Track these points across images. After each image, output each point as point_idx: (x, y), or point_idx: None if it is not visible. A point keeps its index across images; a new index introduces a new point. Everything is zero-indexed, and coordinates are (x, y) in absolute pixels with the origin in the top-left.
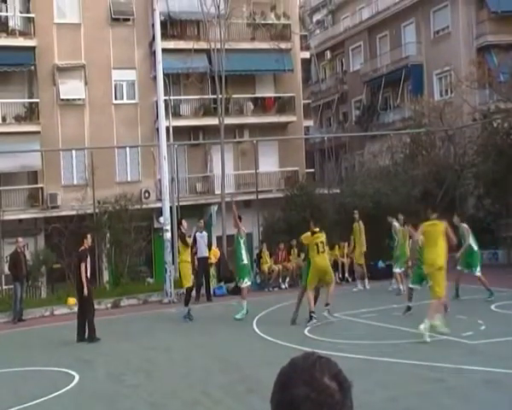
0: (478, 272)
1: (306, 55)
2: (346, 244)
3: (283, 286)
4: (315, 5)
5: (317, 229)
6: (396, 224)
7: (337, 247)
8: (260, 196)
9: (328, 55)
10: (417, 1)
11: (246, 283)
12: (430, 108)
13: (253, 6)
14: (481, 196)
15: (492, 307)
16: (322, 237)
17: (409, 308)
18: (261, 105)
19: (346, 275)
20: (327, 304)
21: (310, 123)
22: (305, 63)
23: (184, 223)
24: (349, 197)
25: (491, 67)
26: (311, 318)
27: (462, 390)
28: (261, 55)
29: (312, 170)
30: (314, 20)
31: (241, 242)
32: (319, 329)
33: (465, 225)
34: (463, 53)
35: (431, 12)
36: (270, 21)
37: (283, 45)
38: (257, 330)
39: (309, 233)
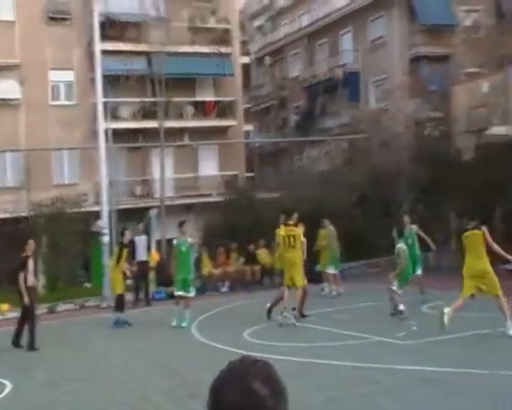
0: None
1: (246, 59)
2: None
3: (223, 290)
4: (255, 11)
5: (292, 222)
6: (331, 227)
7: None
8: (200, 200)
9: (268, 60)
10: (355, 10)
11: (192, 292)
12: (367, 114)
13: (193, 10)
14: (414, 201)
15: (424, 307)
16: (295, 231)
17: (401, 312)
18: (201, 109)
19: None
20: (293, 309)
21: (250, 127)
22: (245, 68)
23: (127, 234)
24: (288, 201)
25: (423, 76)
26: (295, 313)
27: (397, 390)
28: (201, 58)
29: (252, 174)
30: (254, 25)
31: (191, 252)
32: (259, 332)
33: (414, 226)
34: (398, 62)
35: (368, 21)
36: (210, 25)
37: (223, 50)
38: (196, 334)
39: (282, 227)
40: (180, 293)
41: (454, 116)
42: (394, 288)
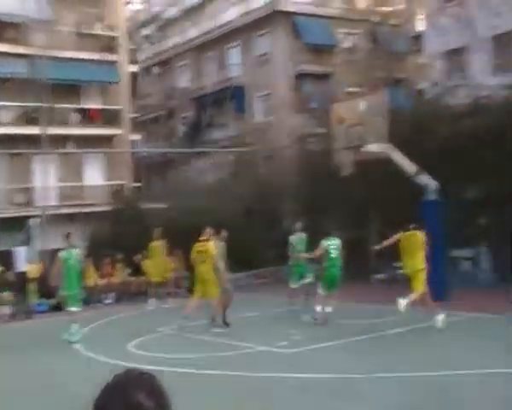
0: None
1: (134, 68)
2: (173, 259)
3: (107, 301)
4: (143, 20)
5: (206, 237)
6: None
7: None
8: (86, 210)
9: (157, 70)
10: (242, 25)
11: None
12: (253, 128)
13: (79, 15)
14: (298, 215)
15: (306, 317)
16: (207, 246)
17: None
18: (87, 116)
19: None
20: (212, 319)
21: (137, 137)
22: (133, 77)
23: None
24: (175, 212)
25: (305, 93)
26: (225, 325)
27: (276, 397)
28: (87, 65)
29: (139, 184)
30: (142, 34)
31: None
32: (144, 344)
33: (304, 235)
34: (282, 78)
35: (254, 37)
36: (97, 32)
37: (111, 57)
38: (80, 347)
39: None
40: (74, 308)
41: (333, 133)
42: (320, 291)
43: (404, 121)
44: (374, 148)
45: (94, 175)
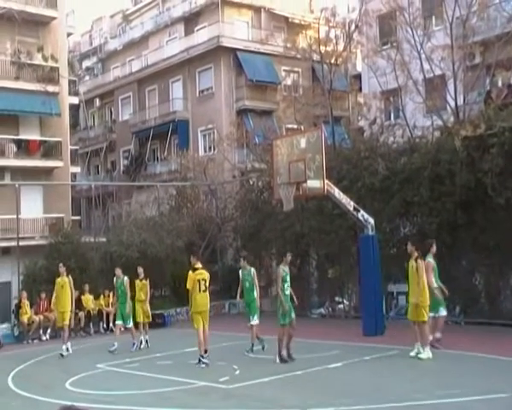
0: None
1: (75, 100)
2: (112, 293)
3: (44, 338)
4: (85, 51)
5: (199, 265)
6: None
7: (102, 296)
8: (22, 243)
9: (98, 102)
10: (184, 60)
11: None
12: (195, 162)
13: (18, 44)
14: (239, 249)
15: (246, 352)
16: (205, 274)
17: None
18: (25, 148)
19: (111, 325)
20: (205, 351)
21: (77, 169)
22: (74, 109)
23: None
24: (115, 246)
25: (248, 129)
26: (199, 361)
27: None
28: (26, 95)
29: (79, 217)
30: (84, 66)
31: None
32: (81, 381)
33: (253, 269)
34: (225, 113)
35: (197, 72)
36: (36, 62)
37: (51, 88)
38: (13, 386)
39: (190, 272)
40: None
41: (275, 169)
42: (253, 322)
43: (343, 158)
44: (313, 184)
45: (32, 208)
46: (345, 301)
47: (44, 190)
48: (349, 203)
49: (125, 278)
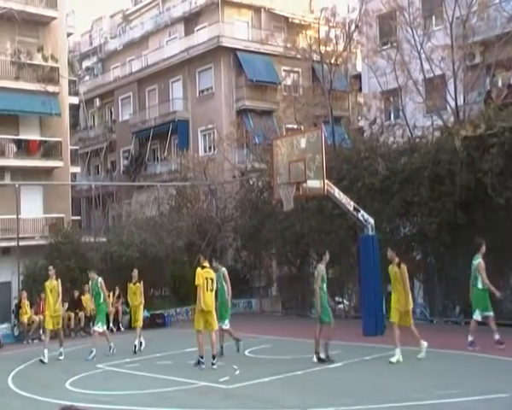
0: (226, 326)
1: (75, 100)
2: (111, 293)
3: (44, 338)
4: (85, 51)
5: (207, 264)
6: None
7: None
8: (22, 243)
9: (98, 102)
10: (184, 60)
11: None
12: (195, 162)
13: (18, 44)
14: (239, 249)
15: (246, 352)
16: (212, 274)
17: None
18: (25, 148)
19: (111, 325)
20: (213, 356)
21: (77, 169)
22: (74, 109)
23: None
24: (115, 246)
25: (248, 129)
26: (198, 362)
27: None
28: (26, 95)
29: (79, 217)
30: (84, 66)
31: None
32: (81, 381)
33: (224, 269)
34: (225, 113)
35: (197, 72)
36: (36, 62)
37: (51, 88)
38: (13, 386)
39: (199, 269)
40: None
41: (275, 169)
42: (225, 326)
43: (343, 158)
44: (313, 184)
45: (32, 208)
46: (345, 301)
47: (44, 190)
48: (349, 203)
49: (100, 279)
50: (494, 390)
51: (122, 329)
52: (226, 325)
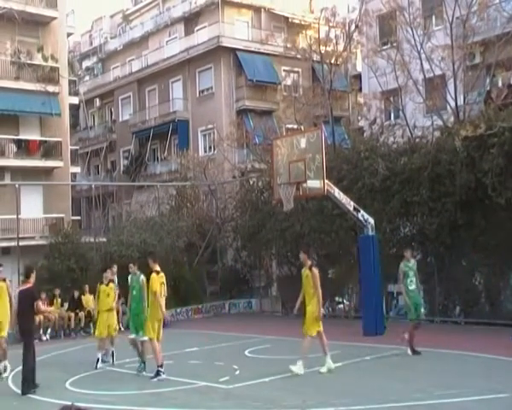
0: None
1: (75, 100)
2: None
3: (44, 338)
4: (85, 51)
5: (158, 268)
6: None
7: None
8: (22, 243)
9: (98, 102)
10: (184, 60)
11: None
12: (195, 162)
13: (18, 44)
14: (239, 249)
15: (246, 352)
16: (163, 278)
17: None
18: (25, 148)
19: None
20: (161, 365)
21: (77, 169)
22: (74, 109)
23: None
24: (115, 246)
25: (248, 129)
26: (158, 373)
27: None
28: (26, 95)
29: (79, 217)
30: (84, 66)
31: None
32: (81, 381)
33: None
34: (225, 113)
35: (197, 72)
36: (36, 62)
37: (51, 88)
38: (13, 386)
39: (154, 274)
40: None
41: (275, 169)
42: (142, 338)
43: (343, 158)
44: (313, 184)
45: (32, 207)
46: (345, 301)
47: (44, 190)
48: (349, 203)
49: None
50: (494, 390)
51: (122, 329)
52: (143, 337)
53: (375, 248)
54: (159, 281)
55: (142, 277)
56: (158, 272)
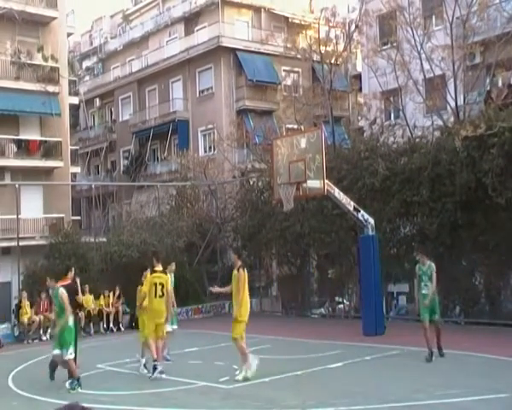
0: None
1: (75, 100)
2: (112, 293)
3: (44, 338)
4: (85, 51)
5: (160, 268)
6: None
7: (102, 296)
8: (22, 243)
9: (98, 102)
10: (184, 60)
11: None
12: (195, 162)
13: (18, 44)
14: (239, 248)
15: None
16: (163, 278)
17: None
18: (25, 148)
19: (111, 325)
20: (155, 360)
21: (77, 170)
22: (74, 109)
23: None
24: (115, 246)
25: (248, 129)
26: (154, 368)
27: None
28: (26, 95)
29: (79, 217)
30: (84, 66)
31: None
32: (82, 381)
33: None
34: (225, 113)
35: (197, 72)
36: (36, 62)
37: (51, 88)
38: (13, 386)
39: (148, 274)
40: None
41: (275, 169)
42: (67, 357)
43: (343, 158)
44: (313, 184)
45: (32, 208)
46: (345, 301)
47: (44, 190)
48: (349, 203)
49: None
50: (494, 390)
51: (122, 329)
52: (69, 354)
53: (375, 248)
54: (151, 281)
55: (61, 290)
56: (155, 272)
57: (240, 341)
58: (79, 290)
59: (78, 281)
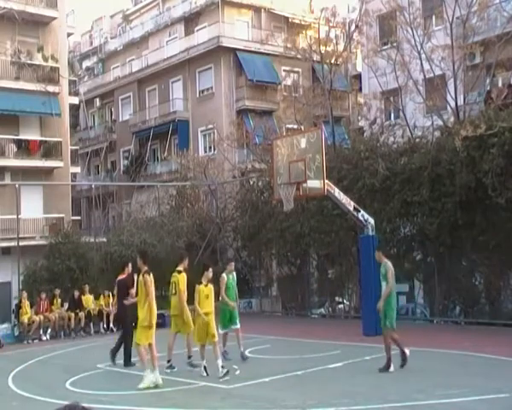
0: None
1: (75, 100)
2: (111, 294)
3: (44, 338)
4: (85, 51)
5: (180, 268)
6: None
7: (102, 296)
8: (22, 243)
9: (98, 102)
10: (184, 60)
11: None
12: (195, 162)
13: (18, 44)
14: (239, 249)
15: (246, 352)
16: (176, 277)
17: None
18: (25, 148)
19: (111, 325)
20: (189, 356)
21: (77, 170)
22: (74, 109)
23: None
24: (115, 246)
25: (248, 129)
26: (170, 365)
27: None
28: (26, 95)
29: (79, 217)
30: (84, 66)
31: None
32: (81, 381)
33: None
34: (225, 113)
35: (197, 72)
36: (36, 62)
37: (51, 88)
38: (13, 386)
39: (184, 274)
40: None
41: (275, 169)
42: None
43: (343, 158)
44: (313, 184)
45: (32, 208)
46: (345, 301)
47: (44, 190)
48: (349, 203)
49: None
50: (494, 390)
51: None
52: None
53: (375, 248)
54: (173, 281)
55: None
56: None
57: (141, 347)
58: (134, 284)
59: (135, 276)
